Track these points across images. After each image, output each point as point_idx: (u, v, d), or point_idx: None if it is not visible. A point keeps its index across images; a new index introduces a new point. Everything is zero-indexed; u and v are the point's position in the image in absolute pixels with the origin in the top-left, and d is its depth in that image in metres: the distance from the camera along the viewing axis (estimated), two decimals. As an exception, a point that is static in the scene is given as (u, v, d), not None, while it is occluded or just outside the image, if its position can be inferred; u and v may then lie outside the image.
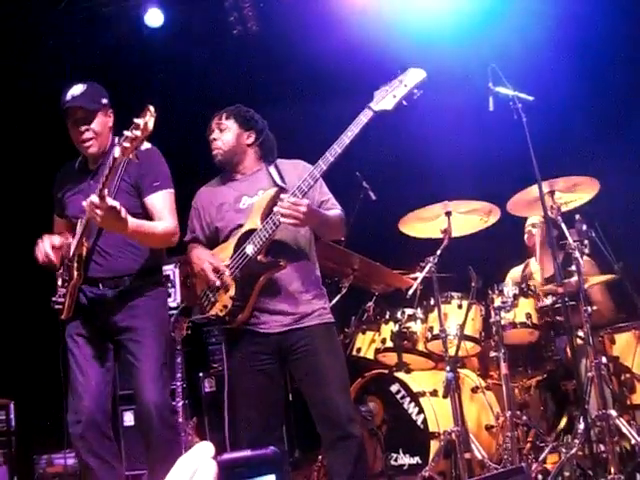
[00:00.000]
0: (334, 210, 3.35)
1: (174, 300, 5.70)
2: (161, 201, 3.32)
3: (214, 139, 3.40)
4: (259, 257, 3.15)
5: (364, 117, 3.07)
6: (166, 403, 3.29)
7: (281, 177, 3.33)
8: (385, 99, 3.08)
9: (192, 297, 3.44)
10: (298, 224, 3.11)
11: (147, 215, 3.32)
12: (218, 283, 3.20)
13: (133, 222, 3.13)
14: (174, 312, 5.71)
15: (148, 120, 2.74)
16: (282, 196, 3.10)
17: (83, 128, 3.32)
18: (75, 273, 3.27)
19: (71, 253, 3.31)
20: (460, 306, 4.36)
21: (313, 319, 3.22)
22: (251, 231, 3.18)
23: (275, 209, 3.09)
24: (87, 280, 3.32)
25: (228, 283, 3.20)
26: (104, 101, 3.39)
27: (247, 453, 0.92)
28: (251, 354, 3.21)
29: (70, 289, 3.29)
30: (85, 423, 3.23)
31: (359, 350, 4.69)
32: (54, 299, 3.33)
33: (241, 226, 3.25)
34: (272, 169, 3.37)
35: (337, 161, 3.06)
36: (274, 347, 3.21)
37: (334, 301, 4.85)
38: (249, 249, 3.15)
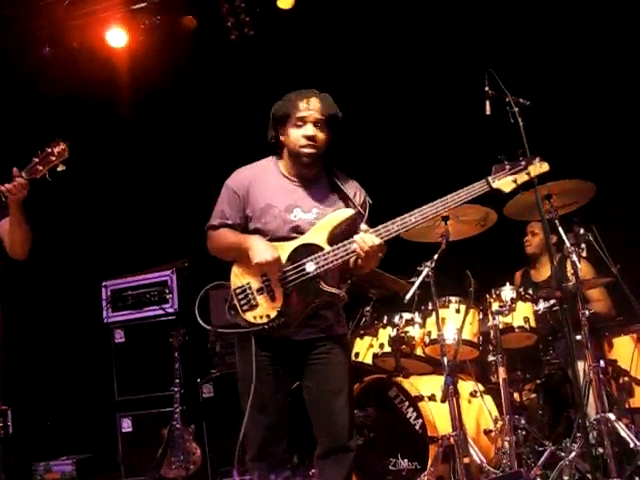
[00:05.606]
0: None
1: (171, 306, 5.70)
2: None
3: (314, 135, 3.07)
4: (322, 283, 2.97)
5: (479, 189, 3.00)
6: None
7: (348, 195, 3.14)
8: (505, 180, 3.00)
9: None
10: (367, 265, 3.02)
11: None
12: (275, 278, 2.97)
13: None
14: (172, 317, 5.74)
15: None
16: (363, 228, 2.98)
17: None
18: None
19: None
20: (458, 310, 4.35)
21: (337, 329, 3.15)
22: (310, 245, 3.00)
23: (356, 240, 2.93)
24: None
25: (276, 292, 3.01)
26: None
27: None
28: (263, 357, 3.05)
29: None
30: None
31: (357, 355, 4.68)
32: None
33: (290, 238, 3.05)
34: (338, 184, 3.16)
35: (432, 217, 3.00)
36: (288, 351, 3.08)
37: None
38: (310, 267, 2.96)
